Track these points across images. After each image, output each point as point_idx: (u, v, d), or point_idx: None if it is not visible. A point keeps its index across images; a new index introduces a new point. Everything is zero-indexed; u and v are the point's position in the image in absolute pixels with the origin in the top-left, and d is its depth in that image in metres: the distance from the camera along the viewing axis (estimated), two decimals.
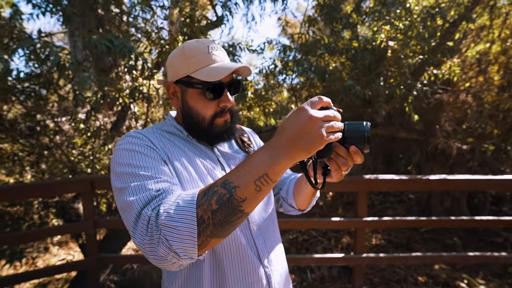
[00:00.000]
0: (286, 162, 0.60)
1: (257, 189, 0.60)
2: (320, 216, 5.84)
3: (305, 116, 0.58)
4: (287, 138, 0.59)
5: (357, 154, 0.68)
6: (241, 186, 0.59)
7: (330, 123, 0.60)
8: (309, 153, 0.60)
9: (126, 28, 2.89)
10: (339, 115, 0.64)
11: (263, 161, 0.60)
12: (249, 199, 0.60)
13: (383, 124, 3.88)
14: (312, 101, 0.62)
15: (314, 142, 0.58)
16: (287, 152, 0.59)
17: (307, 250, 4.55)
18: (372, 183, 2.55)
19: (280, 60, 3.58)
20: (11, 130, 2.51)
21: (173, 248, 0.58)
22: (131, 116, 3.48)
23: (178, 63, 0.85)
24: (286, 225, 2.59)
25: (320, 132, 0.58)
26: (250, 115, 4.56)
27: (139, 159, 0.74)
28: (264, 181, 0.60)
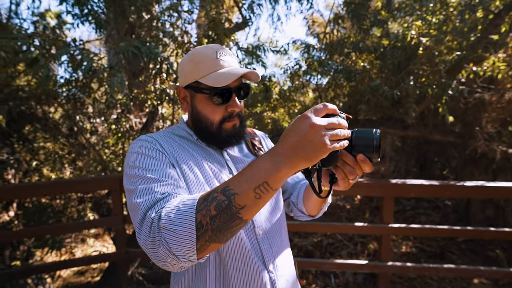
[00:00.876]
0: (287, 171, 0.59)
1: (256, 197, 0.60)
2: (346, 219, 5.67)
3: (308, 123, 0.57)
4: (288, 146, 0.58)
5: (365, 163, 0.66)
6: (240, 193, 0.59)
7: (334, 131, 0.58)
8: (311, 162, 0.59)
9: (155, 33, 3.03)
10: (345, 123, 0.61)
11: (264, 168, 0.59)
12: (248, 206, 0.60)
13: (414, 125, 3.66)
14: (316, 108, 0.60)
15: (316, 151, 0.57)
16: (288, 160, 0.58)
17: (332, 254, 4.44)
18: (399, 188, 2.42)
19: (304, 60, 3.53)
20: (54, 130, 2.77)
21: (173, 250, 0.60)
22: (159, 118, 3.64)
23: (187, 69, 0.87)
24: (309, 228, 2.55)
25: (322, 141, 0.56)
26: (275, 116, 4.55)
27: (148, 162, 0.77)
28: (264, 189, 0.59)
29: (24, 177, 2.77)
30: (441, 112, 2.91)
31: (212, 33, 2.83)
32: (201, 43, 2.75)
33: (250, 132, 1.12)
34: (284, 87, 4.12)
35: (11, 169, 2.54)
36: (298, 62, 3.53)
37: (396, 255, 4.24)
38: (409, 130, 3.59)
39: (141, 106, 3.25)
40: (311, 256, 4.35)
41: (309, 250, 4.52)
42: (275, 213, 0.95)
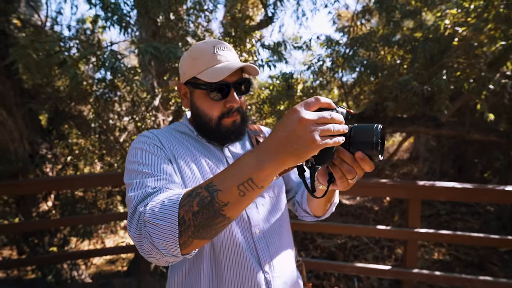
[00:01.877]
0: (273, 168, 0.56)
1: (240, 194, 0.57)
2: (374, 222, 5.44)
3: (296, 118, 0.53)
4: (275, 141, 0.55)
5: (364, 161, 0.60)
6: (223, 190, 0.57)
7: (326, 125, 0.54)
8: (299, 159, 0.55)
9: (178, 33, 3.11)
10: (339, 117, 0.56)
11: (249, 165, 0.57)
12: (231, 204, 0.58)
13: (449, 124, 3.38)
14: (307, 101, 0.56)
15: (305, 147, 0.53)
16: (275, 157, 0.55)
17: (356, 257, 4.28)
18: (428, 190, 2.25)
19: (328, 56, 3.41)
20: (86, 128, 2.97)
21: (156, 244, 0.60)
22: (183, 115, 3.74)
23: (185, 65, 0.87)
24: (328, 228, 2.47)
25: (311, 136, 0.52)
26: None
27: (145, 157, 0.78)
28: (249, 186, 0.57)
29: (61, 171, 3.02)
30: (480, 109, 2.66)
31: (232, 31, 2.84)
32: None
33: (256, 129, 1.10)
34: (307, 84, 4.02)
35: (49, 163, 2.78)
36: (321, 59, 3.42)
37: (427, 262, 3.97)
38: (442, 128, 3.33)
39: (166, 105, 3.37)
40: (334, 258, 4.23)
41: (332, 252, 4.39)
42: (275, 213, 0.93)
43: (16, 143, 2.68)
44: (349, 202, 6.45)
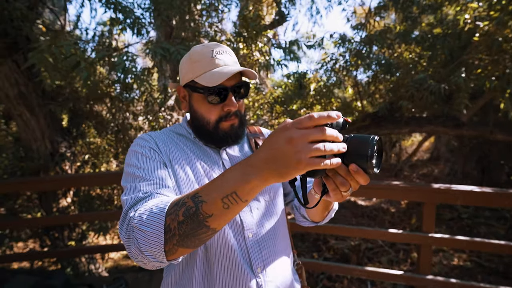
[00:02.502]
0: (257, 183, 0.55)
1: (224, 207, 0.57)
2: (389, 224, 5.28)
3: (284, 136, 0.52)
4: (262, 157, 0.54)
5: (358, 174, 0.57)
6: (208, 202, 0.57)
7: (316, 145, 0.51)
8: (283, 178, 0.53)
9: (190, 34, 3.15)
10: (336, 134, 0.53)
11: (234, 178, 0.56)
12: (215, 216, 0.58)
13: (471, 123, 3.22)
14: (299, 119, 0.54)
15: (289, 167, 0.51)
16: (259, 172, 0.54)
17: (370, 260, 4.19)
18: (444, 194, 2.15)
19: (341, 55, 3.34)
20: (101, 127, 3.09)
21: (142, 250, 0.61)
22: None
23: (185, 68, 0.88)
24: (334, 230, 2.42)
25: (297, 157, 0.50)
26: None
27: (140, 161, 0.80)
28: (233, 199, 0.56)
29: (79, 169, 3.16)
30: (503, 108, 2.51)
31: (243, 30, 2.84)
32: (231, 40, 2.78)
33: (256, 131, 1.09)
34: (320, 83, 3.96)
35: (68, 161, 2.91)
36: (334, 57, 3.35)
37: (445, 268, 3.82)
38: (463, 128, 3.17)
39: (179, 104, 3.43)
40: (347, 260, 4.15)
41: (345, 254, 4.32)
42: (270, 217, 0.92)
43: (38, 141, 2.82)
44: (365, 203, 6.30)
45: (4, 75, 2.57)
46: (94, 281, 2.75)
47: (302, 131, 0.51)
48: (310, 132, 0.51)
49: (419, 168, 8.78)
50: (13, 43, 2.53)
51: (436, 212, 2.12)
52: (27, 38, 2.54)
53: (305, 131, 0.51)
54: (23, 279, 2.57)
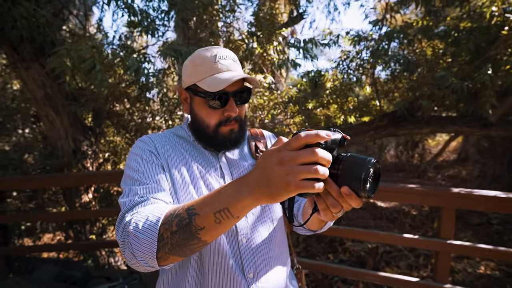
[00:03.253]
0: (249, 202, 0.55)
1: (216, 221, 0.58)
2: (410, 227, 5.08)
3: (275, 158, 0.51)
4: (255, 177, 0.54)
5: (350, 198, 0.55)
6: (201, 215, 0.58)
7: (307, 167, 0.49)
8: (274, 199, 0.53)
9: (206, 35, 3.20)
10: (326, 155, 0.51)
11: (228, 195, 0.57)
12: (207, 229, 0.59)
13: (500, 123, 3.00)
14: (290, 140, 0.53)
15: (279, 189, 0.51)
16: (252, 192, 0.54)
17: (387, 264, 4.05)
18: (464, 198, 2.03)
19: (358, 52, 3.24)
20: (119, 127, 3.23)
21: (135, 255, 0.63)
22: None
23: (187, 71, 0.89)
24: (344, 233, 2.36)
25: (287, 180, 0.49)
26: (329, 113, 4.32)
27: (138, 164, 0.82)
28: (225, 215, 0.57)
29: (100, 166, 3.32)
30: None
31: (256, 29, 2.83)
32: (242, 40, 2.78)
33: (258, 133, 1.08)
34: (337, 82, 3.87)
35: (89, 159, 3.07)
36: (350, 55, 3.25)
37: (470, 276, 3.61)
38: (491, 129, 2.96)
39: None
40: (364, 263, 4.04)
41: (361, 257, 4.20)
42: (265, 223, 0.91)
43: (62, 140, 2.99)
44: (384, 204, 6.09)
45: (32, 78, 2.74)
46: (112, 274, 2.88)
47: (292, 153, 0.51)
48: (300, 154, 0.50)
49: (445, 169, 8.33)
50: (39, 48, 2.70)
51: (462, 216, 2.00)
52: (52, 43, 2.70)
53: (295, 153, 0.50)
54: (50, 268, 2.75)
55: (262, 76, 3.70)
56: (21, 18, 2.43)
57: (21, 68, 2.69)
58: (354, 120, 3.99)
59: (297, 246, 4.62)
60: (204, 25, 3.28)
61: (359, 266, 3.98)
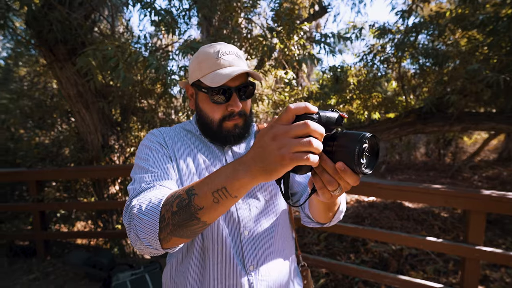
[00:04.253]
0: (247, 180, 0.55)
1: (214, 201, 0.59)
2: (440, 230, 4.80)
3: (269, 133, 0.52)
4: (251, 155, 0.55)
5: (345, 174, 0.53)
6: (199, 195, 0.60)
7: (299, 140, 0.49)
8: (270, 175, 0.53)
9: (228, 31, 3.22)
10: (318, 128, 0.50)
11: (225, 174, 0.58)
12: (206, 209, 0.60)
13: None
14: (281, 113, 0.53)
15: (274, 164, 0.50)
16: (248, 170, 0.54)
17: (413, 267, 3.87)
18: (496, 202, 1.87)
19: (383, 46, 3.08)
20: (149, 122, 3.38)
21: (139, 236, 0.66)
22: None
23: (192, 67, 0.91)
24: (366, 233, 2.29)
25: (280, 153, 0.49)
26: (352, 109, 4.19)
27: (147, 154, 0.86)
28: (223, 194, 0.58)
29: (127, 160, 3.50)
30: None
31: (276, 25, 2.80)
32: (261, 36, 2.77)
33: None
34: (360, 77, 3.73)
35: (116, 153, 3.25)
36: (374, 49, 3.11)
37: (508, 287, 3.33)
38: None
39: None
40: (386, 265, 3.89)
41: (384, 258, 4.05)
42: (268, 216, 0.91)
43: (92, 135, 3.19)
44: (412, 205, 5.80)
45: (66, 77, 2.95)
46: (134, 262, 3.04)
47: (284, 127, 0.51)
48: (292, 127, 0.50)
49: (483, 169, 7.73)
50: (72, 48, 2.88)
51: (500, 221, 1.85)
52: (83, 43, 2.87)
53: (287, 127, 0.50)
54: (80, 253, 2.97)
55: (283, 72, 3.66)
56: (56, 22, 2.62)
57: (56, 67, 2.89)
58: (379, 117, 3.82)
59: (318, 245, 4.56)
60: (226, 22, 3.31)
61: (381, 268, 3.84)
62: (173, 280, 0.90)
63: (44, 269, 3.13)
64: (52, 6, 2.65)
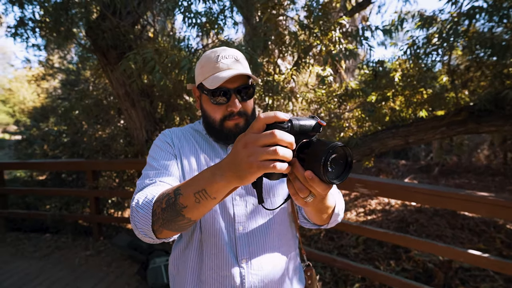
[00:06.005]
0: (223, 184, 0.59)
1: (196, 201, 0.64)
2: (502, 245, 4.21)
3: (242, 141, 0.55)
4: (226, 161, 0.59)
5: (314, 182, 0.55)
6: (184, 195, 0.66)
7: (267, 148, 0.51)
8: (242, 181, 0.56)
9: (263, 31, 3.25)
10: (287, 137, 0.53)
11: (205, 177, 0.63)
12: (189, 207, 0.66)
13: None
14: (253, 122, 0.56)
15: (244, 171, 0.54)
16: (224, 174, 0.59)
17: (463, 282, 3.49)
18: None
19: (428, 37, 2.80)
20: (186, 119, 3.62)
21: (137, 226, 0.75)
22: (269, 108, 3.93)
23: (197, 71, 0.99)
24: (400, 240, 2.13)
25: (248, 161, 0.53)
26: (395, 106, 3.90)
27: (155, 152, 0.96)
28: (203, 195, 0.63)
29: None
30: None
31: (309, 22, 2.74)
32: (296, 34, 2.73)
33: None
34: (406, 71, 3.44)
35: None
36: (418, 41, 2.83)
37: None
38: None
39: None
40: (431, 276, 3.57)
41: (428, 269, 3.72)
42: (264, 214, 0.95)
43: (138, 130, 3.51)
44: (469, 213, 5.18)
45: (116, 78, 3.30)
46: (170, 249, 3.29)
47: (254, 136, 0.54)
48: (259, 136, 0.53)
49: None
50: (121, 53, 3.20)
51: None
52: (130, 47, 3.17)
53: (256, 136, 0.53)
54: (125, 237, 3.32)
55: (320, 69, 3.57)
56: (108, 30, 2.94)
57: (108, 70, 3.25)
58: (426, 114, 3.50)
59: (356, 248, 4.37)
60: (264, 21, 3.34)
61: (425, 280, 3.54)
62: (176, 266, 0.99)
63: (97, 248, 3.58)
64: (105, 17, 2.98)
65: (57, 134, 5.54)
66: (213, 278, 0.89)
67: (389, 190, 2.09)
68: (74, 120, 5.01)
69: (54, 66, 7.38)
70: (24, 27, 3.07)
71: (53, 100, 7.86)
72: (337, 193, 0.89)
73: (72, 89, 6.00)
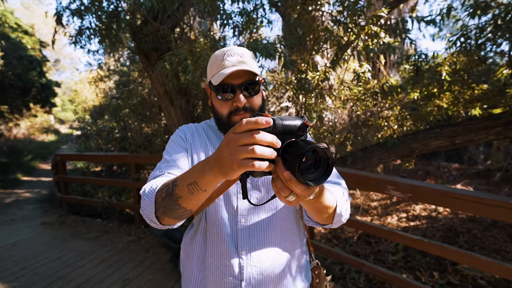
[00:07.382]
0: (211, 178, 0.64)
1: (189, 192, 0.69)
2: None
3: (226, 139, 0.59)
4: (213, 157, 0.64)
5: (291, 182, 0.56)
6: (179, 186, 0.71)
7: (248, 147, 0.54)
8: (226, 176, 0.60)
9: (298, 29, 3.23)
10: (269, 138, 0.55)
11: (197, 170, 0.68)
12: (184, 198, 0.71)
13: None
14: (236, 124, 0.59)
15: (226, 168, 0.58)
16: (211, 169, 0.63)
17: None
18: None
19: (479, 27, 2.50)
20: None
21: (144, 212, 0.83)
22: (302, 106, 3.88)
23: (207, 70, 1.05)
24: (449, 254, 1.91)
25: (230, 159, 0.57)
26: (442, 103, 3.57)
27: (170, 146, 1.04)
28: (194, 187, 0.68)
29: None
30: None
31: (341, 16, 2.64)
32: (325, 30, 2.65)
33: None
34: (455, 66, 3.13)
35: None
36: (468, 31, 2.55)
37: None
38: None
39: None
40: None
41: (480, 286, 3.35)
42: (267, 209, 0.97)
43: (175, 127, 3.74)
44: None
45: (157, 78, 3.54)
46: None
47: (235, 136, 0.57)
48: (241, 136, 0.56)
49: None
50: (161, 54, 3.43)
51: None
52: (169, 49, 3.38)
53: (237, 136, 0.57)
54: None
55: (358, 65, 3.42)
56: (149, 34, 3.18)
57: (150, 71, 3.51)
58: (479, 112, 3.14)
59: (395, 255, 4.11)
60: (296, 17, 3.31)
61: None
62: (186, 252, 1.06)
63: (138, 234, 3.91)
64: (148, 22, 3.22)
65: (109, 130, 6.15)
66: (215, 266, 0.94)
67: (425, 194, 1.93)
68: (123, 117, 5.51)
69: (110, 68, 8.16)
70: (82, 35, 3.46)
71: (108, 99, 8.71)
72: (340, 194, 0.87)
73: (124, 89, 6.57)
